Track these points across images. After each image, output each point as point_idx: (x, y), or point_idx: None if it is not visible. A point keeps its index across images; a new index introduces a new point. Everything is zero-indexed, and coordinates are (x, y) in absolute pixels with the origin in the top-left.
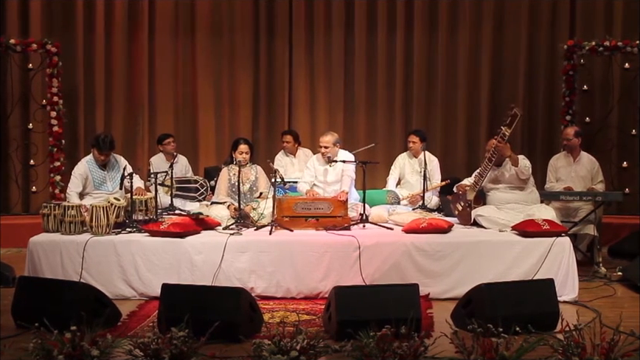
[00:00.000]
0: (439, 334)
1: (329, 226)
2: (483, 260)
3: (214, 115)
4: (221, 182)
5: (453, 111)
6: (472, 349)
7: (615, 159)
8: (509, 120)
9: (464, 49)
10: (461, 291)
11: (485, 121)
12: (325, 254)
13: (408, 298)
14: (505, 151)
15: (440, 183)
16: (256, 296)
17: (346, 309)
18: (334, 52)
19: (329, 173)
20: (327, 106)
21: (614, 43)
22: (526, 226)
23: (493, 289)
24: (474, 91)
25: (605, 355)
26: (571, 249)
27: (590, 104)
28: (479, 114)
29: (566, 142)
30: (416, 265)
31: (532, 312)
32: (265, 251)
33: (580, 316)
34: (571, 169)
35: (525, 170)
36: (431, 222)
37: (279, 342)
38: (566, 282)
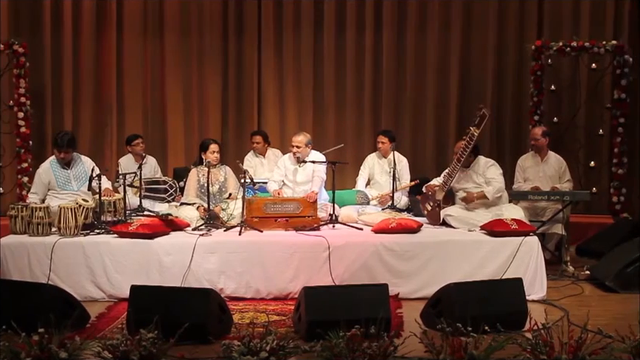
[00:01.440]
0: (408, 334)
1: (299, 227)
2: (452, 259)
3: (183, 116)
4: (190, 183)
5: (422, 111)
6: (442, 348)
7: (582, 159)
8: (477, 121)
9: (433, 50)
10: (430, 290)
11: (454, 121)
12: (295, 255)
13: (377, 298)
14: (472, 199)
15: (409, 183)
16: (226, 297)
17: (316, 309)
18: (303, 52)
19: (299, 173)
20: (296, 107)
21: (581, 44)
22: (494, 225)
23: (462, 289)
24: (443, 91)
25: (573, 354)
26: (539, 248)
27: (558, 104)
28: (448, 115)
29: (534, 142)
30: (385, 265)
31: (501, 311)
32: (235, 251)
33: (548, 315)
34: (539, 169)
35: (499, 194)
36: (400, 222)
37: (248, 343)
38: (534, 281)
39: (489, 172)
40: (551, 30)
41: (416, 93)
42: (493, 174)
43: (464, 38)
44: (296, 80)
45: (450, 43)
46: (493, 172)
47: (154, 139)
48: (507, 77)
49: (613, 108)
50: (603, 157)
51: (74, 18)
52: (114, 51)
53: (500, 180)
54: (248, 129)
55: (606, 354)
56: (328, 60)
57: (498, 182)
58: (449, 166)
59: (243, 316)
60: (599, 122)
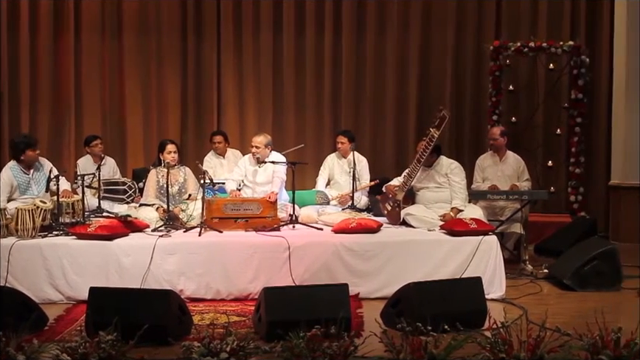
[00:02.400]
0: (368, 333)
1: (259, 227)
2: (412, 259)
3: (142, 116)
4: (149, 184)
5: (382, 111)
6: (402, 348)
7: (540, 158)
8: (437, 122)
9: (392, 50)
10: (390, 290)
11: (413, 121)
12: (255, 255)
13: (337, 298)
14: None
15: (369, 183)
16: (186, 298)
17: (276, 310)
18: (262, 53)
19: (259, 174)
20: (256, 107)
21: (539, 44)
22: (454, 225)
23: (422, 288)
24: (402, 91)
25: (532, 352)
26: (498, 248)
27: (516, 104)
28: (407, 115)
29: (493, 142)
30: (345, 265)
31: (460, 310)
32: (195, 252)
33: (507, 314)
34: (498, 168)
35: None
36: (360, 222)
37: (208, 344)
38: (493, 280)
39: (453, 175)
40: (509, 31)
41: (376, 93)
42: (458, 179)
43: (423, 39)
44: (255, 80)
45: (409, 44)
46: (458, 177)
47: (113, 140)
48: (466, 77)
49: (570, 107)
50: (561, 156)
51: (31, 18)
52: (72, 51)
53: (464, 185)
54: (208, 130)
55: (564, 352)
56: (288, 61)
57: (463, 189)
58: (409, 166)
59: (203, 317)
60: (557, 121)
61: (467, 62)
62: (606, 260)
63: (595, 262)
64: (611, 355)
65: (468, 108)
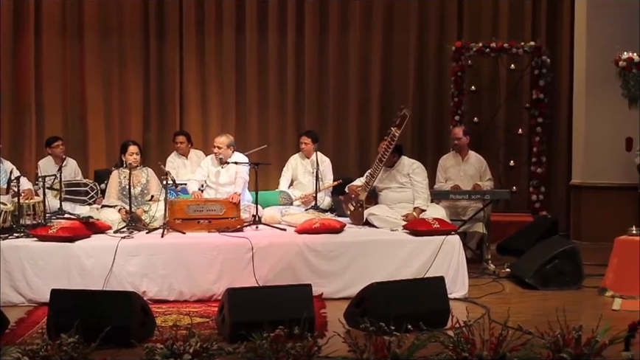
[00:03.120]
0: (332, 334)
1: (222, 228)
2: (375, 259)
3: (104, 117)
4: (111, 185)
5: (345, 111)
6: (365, 347)
7: (502, 158)
8: (398, 121)
9: (355, 50)
10: (354, 290)
11: (376, 121)
12: (218, 256)
13: (301, 298)
14: (412, 219)
15: (332, 183)
16: (149, 300)
17: (240, 311)
18: (225, 53)
19: (222, 175)
20: (219, 108)
21: (500, 45)
22: (417, 225)
23: (385, 288)
24: (365, 91)
25: (494, 350)
26: (461, 247)
27: (478, 104)
28: (370, 115)
29: (456, 142)
30: (309, 266)
31: (423, 310)
32: (157, 254)
33: (470, 313)
34: (460, 168)
35: (429, 200)
36: (324, 222)
37: (171, 346)
38: (456, 279)
39: (415, 175)
40: (471, 31)
41: (339, 93)
42: (420, 179)
43: (386, 39)
44: (218, 81)
45: (372, 44)
46: (420, 177)
47: (74, 141)
48: (428, 77)
49: (531, 108)
50: (522, 156)
51: None
52: (32, 51)
53: (426, 185)
54: (171, 130)
55: (526, 350)
56: (250, 61)
57: (425, 188)
58: (372, 166)
59: (166, 319)
60: (519, 121)
61: (430, 62)
62: (567, 258)
63: (556, 261)
64: (572, 353)
65: (430, 109)
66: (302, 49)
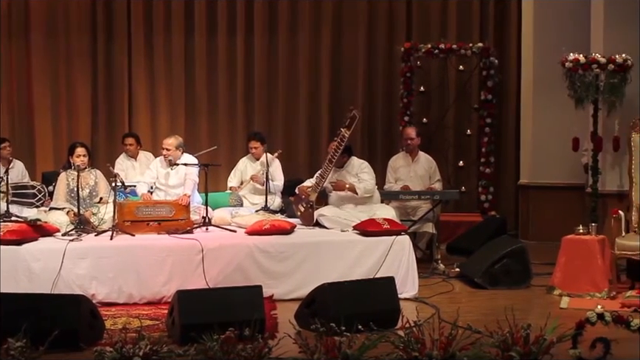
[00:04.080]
0: (282, 335)
1: (172, 230)
2: (326, 259)
3: (52, 119)
4: (59, 187)
5: (295, 112)
6: (316, 348)
7: (451, 159)
8: (348, 122)
9: (304, 51)
10: (304, 291)
11: (326, 122)
12: (168, 258)
13: (251, 300)
14: (341, 188)
15: None
16: (98, 303)
17: (190, 313)
18: (174, 54)
19: (171, 177)
20: (168, 109)
21: (449, 46)
22: (367, 225)
23: (336, 288)
24: (315, 92)
25: (444, 350)
26: (411, 247)
27: (427, 105)
28: (320, 116)
29: (409, 142)
30: (259, 267)
31: (374, 310)
32: (106, 256)
33: (420, 312)
34: (410, 169)
35: (368, 194)
36: (274, 223)
37: (121, 349)
38: (406, 279)
39: (362, 174)
40: (420, 33)
41: (288, 94)
42: (366, 176)
43: (335, 40)
44: (167, 82)
45: (321, 45)
46: (366, 175)
47: (21, 143)
48: (378, 78)
49: (480, 108)
50: (471, 157)
51: None
52: None
53: (371, 183)
54: (119, 132)
55: (475, 349)
56: (200, 63)
57: (369, 184)
58: (322, 167)
59: (116, 322)
60: (467, 122)
61: (379, 63)
62: (516, 258)
63: (505, 260)
64: (521, 352)
65: (380, 109)
66: (252, 51)
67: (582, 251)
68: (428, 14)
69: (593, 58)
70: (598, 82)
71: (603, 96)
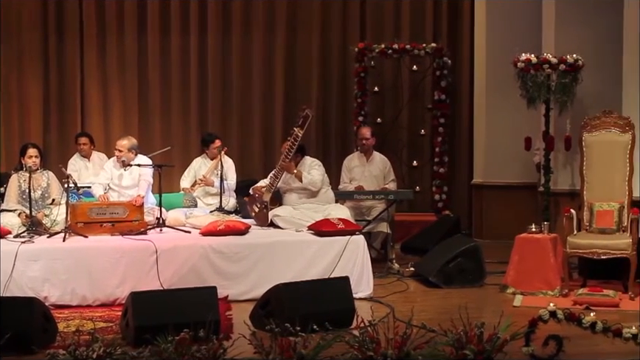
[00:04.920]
0: (237, 336)
1: (125, 231)
2: (281, 260)
3: (2, 119)
4: (11, 189)
5: (248, 112)
6: (271, 349)
7: (405, 158)
8: (301, 121)
9: (258, 51)
10: (259, 291)
11: (280, 122)
12: (121, 260)
13: (206, 301)
14: (290, 169)
15: None
16: (51, 305)
17: (144, 314)
18: (127, 54)
19: (125, 178)
20: (121, 109)
21: (403, 46)
22: (321, 225)
23: (290, 289)
24: (269, 92)
25: (399, 349)
26: (365, 247)
27: (381, 105)
28: (274, 116)
29: (364, 142)
30: (214, 268)
31: (329, 310)
32: (59, 258)
33: (375, 312)
34: (365, 169)
35: (311, 187)
36: (228, 224)
37: (74, 352)
38: (361, 279)
39: (312, 169)
40: (374, 32)
41: (243, 94)
42: (315, 172)
43: (289, 40)
44: (120, 82)
45: (275, 45)
46: (316, 171)
47: None
48: (332, 78)
49: (433, 108)
50: (425, 156)
51: None
52: None
53: (319, 179)
54: (71, 132)
55: (430, 348)
56: (153, 62)
57: (317, 178)
58: (276, 167)
59: (69, 324)
60: (421, 122)
61: (333, 63)
62: (469, 257)
63: (459, 259)
64: (475, 350)
65: (334, 109)
66: (205, 50)
67: (535, 250)
68: (381, 14)
69: (545, 58)
70: (549, 82)
71: (555, 96)
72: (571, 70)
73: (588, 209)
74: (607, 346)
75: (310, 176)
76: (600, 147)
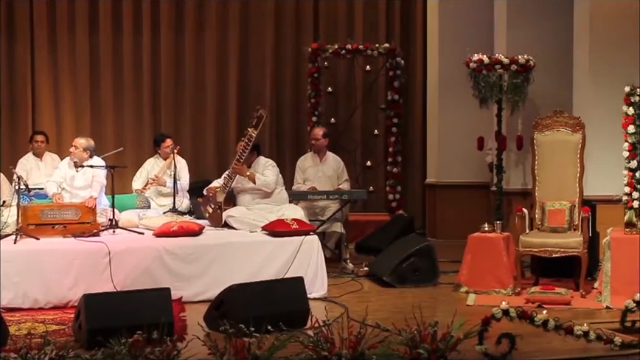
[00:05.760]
0: (191, 337)
1: (78, 233)
2: (235, 261)
3: None
4: None
5: (202, 112)
6: (225, 350)
7: (359, 158)
8: (255, 122)
9: (211, 51)
10: (213, 292)
11: (234, 122)
12: (74, 262)
13: (159, 302)
14: (242, 172)
15: None
16: (2, 309)
17: (97, 317)
18: (78, 52)
19: (77, 179)
20: (73, 109)
21: (356, 47)
22: (275, 226)
23: (245, 289)
24: (222, 92)
25: (353, 349)
26: (320, 247)
27: (335, 105)
28: (228, 116)
29: (315, 142)
30: (168, 269)
31: (283, 310)
32: (10, 261)
33: (329, 312)
34: (318, 169)
35: (265, 188)
36: (182, 225)
37: (25, 355)
38: (315, 279)
39: (266, 170)
40: (327, 33)
41: (196, 94)
42: (269, 173)
43: (242, 40)
44: (72, 81)
45: (228, 45)
46: (269, 172)
47: None
48: (285, 78)
49: (387, 108)
50: (379, 156)
51: None
52: None
53: (272, 179)
54: (22, 132)
55: (384, 347)
56: (105, 62)
57: (270, 179)
58: (229, 167)
59: (20, 327)
60: (375, 122)
61: (286, 63)
62: (423, 256)
63: (412, 258)
64: (429, 349)
65: (288, 109)
66: (158, 50)
67: (488, 249)
68: (334, 15)
69: (497, 59)
70: (501, 82)
71: (506, 96)
72: (522, 70)
73: (540, 208)
74: (559, 343)
75: (263, 177)
76: (551, 147)
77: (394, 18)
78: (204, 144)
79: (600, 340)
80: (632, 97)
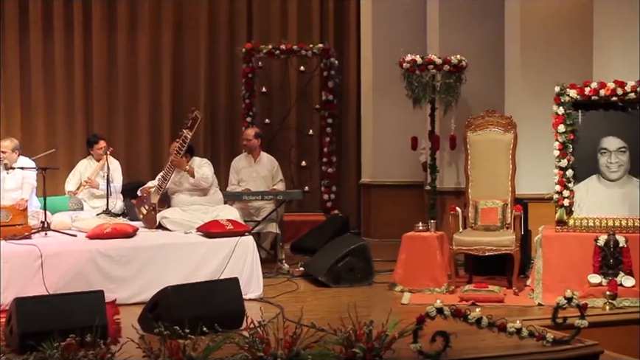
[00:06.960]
0: (126, 340)
1: (9, 236)
2: (169, 262)
3: None
4: None
5: (136, 113)
6: (160, 352)
7: (294, 159)
8: (190, 123)
9: (144, 51)
10: (148, 295)
11: (168, 124)
12: (5, 265)
13: (93, 305)
14: (181, 166)
15: None
16: None
17: (28, 320)
18: (7, 53)
19: (8, 180)
20: (3, 109)
21: (290, 47)
22: (210, 227)
23: (179, 291)
24: (156, 94)
25: (289, 349)
26: (255, 248)
27: (270, 106)
28: (162, 117)
29: (246, 143)
30: (101, 272)
31: (219, 311)
32: None
33: (264, 312)
34: (252, 169)
35: (203, 182)
36: (116, 227)
37: None
38: (251, 280)
39: (202, 167)
40: (261, 33)
41: (129, 95)
42: (206, 168)
43: (175, 40)
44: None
45: (161, 45)
46: (206, 168)
47: None
48: (219, 79)
49: (321, 109)
50: (314, 157)
51: None
52: None
53: (210, 173)
54: None
55: (320, 347)
56: (35, 61)
57: (208, 173)
58: (163, 168)
59: None
60: (309, 122)
61: (220, 64)
62: (358, 256)
63: (347, 258)
64: (364, 348)
65: (222, 110)
66: (90, 50)
67: (422, 248)
68: (268, 15)
69: (430, 59)
70: (434, 82)
71: (440, 96)
72: (455, 70)
73: (473, 206)
74: (493, 340)
75: (201, 171)
76: (484, 146)
77: (328, 18)
78: (138, 146)
79: (532, 337)
80: (563, 97)
